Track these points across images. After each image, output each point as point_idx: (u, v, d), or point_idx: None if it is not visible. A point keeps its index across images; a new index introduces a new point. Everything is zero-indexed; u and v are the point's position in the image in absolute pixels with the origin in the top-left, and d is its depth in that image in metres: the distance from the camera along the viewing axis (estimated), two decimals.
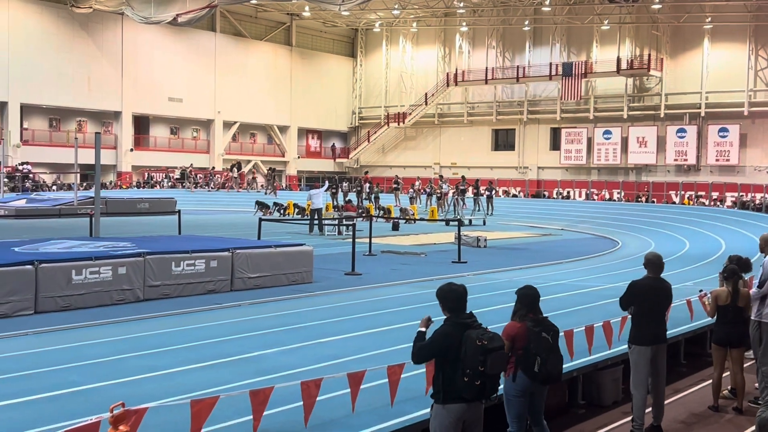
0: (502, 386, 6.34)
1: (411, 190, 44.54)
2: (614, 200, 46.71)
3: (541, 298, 6.34)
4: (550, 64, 54.44)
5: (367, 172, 51.30)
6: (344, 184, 45.75)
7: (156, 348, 9.26)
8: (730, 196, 44.27)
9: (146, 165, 53.69)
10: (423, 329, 5.45)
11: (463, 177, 43.80)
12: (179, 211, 25.49)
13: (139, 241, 15.53)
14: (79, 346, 9.28)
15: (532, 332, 6.09)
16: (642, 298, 7.57)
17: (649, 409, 7.76)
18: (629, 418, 7.89)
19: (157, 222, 31.63)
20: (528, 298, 6.24)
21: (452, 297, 5.37)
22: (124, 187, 49.71)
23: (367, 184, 44.68)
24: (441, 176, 47.49)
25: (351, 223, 21.39)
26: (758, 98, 48.73)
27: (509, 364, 6.12)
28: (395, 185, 46.02)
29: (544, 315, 6.34)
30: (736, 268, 8.87)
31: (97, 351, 8.99)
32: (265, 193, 48.03)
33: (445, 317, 5.42)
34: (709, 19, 49.54)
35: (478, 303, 12.74)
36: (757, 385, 8.87)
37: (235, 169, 53.18)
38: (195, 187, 51.50)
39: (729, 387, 9.10)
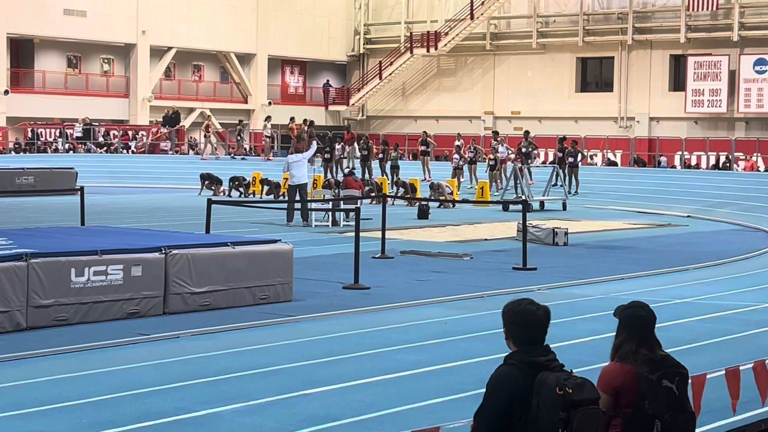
0: None
1: (456, 156, 43.92)
2: None
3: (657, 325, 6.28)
4: None
5: (349, 128, 50.50)
6: (338, 146, 45.52)
7: (37, 406, 9.36)
8: None
9: (29, 116, 53.80)
10: None
11: (526, 133, 43.40)
12: (82, 189, 25.63)
13: (19, 236, 15.71)
14: None
15: (646, 380, 6.05)
16: None
17: None
18: None
19: (47, 205, 32.03)
20: (637, 323, 6.20)
21: (525, 321, 5.46)
22: None
23: (382, 147, 44.42)
24: (495, 132, 47.29)
25: (353, 207, 21.29)
26: None
27: (613, 427, 6.08)
28: (423, 147, 45.81)
29: (665, 351, 6.25)
30: None
31: None
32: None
33: (508, 352, 5.48)
34: None
35: (555, 334, 12.61)
36: None
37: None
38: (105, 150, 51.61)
39: None
